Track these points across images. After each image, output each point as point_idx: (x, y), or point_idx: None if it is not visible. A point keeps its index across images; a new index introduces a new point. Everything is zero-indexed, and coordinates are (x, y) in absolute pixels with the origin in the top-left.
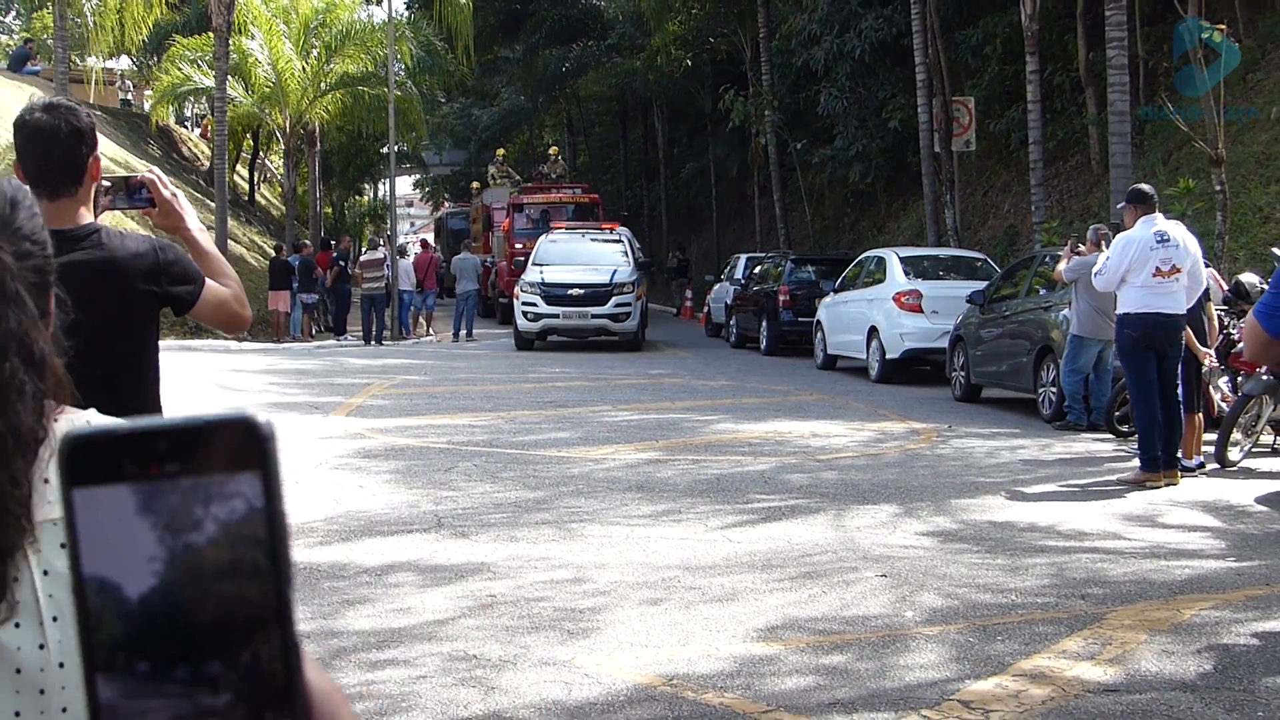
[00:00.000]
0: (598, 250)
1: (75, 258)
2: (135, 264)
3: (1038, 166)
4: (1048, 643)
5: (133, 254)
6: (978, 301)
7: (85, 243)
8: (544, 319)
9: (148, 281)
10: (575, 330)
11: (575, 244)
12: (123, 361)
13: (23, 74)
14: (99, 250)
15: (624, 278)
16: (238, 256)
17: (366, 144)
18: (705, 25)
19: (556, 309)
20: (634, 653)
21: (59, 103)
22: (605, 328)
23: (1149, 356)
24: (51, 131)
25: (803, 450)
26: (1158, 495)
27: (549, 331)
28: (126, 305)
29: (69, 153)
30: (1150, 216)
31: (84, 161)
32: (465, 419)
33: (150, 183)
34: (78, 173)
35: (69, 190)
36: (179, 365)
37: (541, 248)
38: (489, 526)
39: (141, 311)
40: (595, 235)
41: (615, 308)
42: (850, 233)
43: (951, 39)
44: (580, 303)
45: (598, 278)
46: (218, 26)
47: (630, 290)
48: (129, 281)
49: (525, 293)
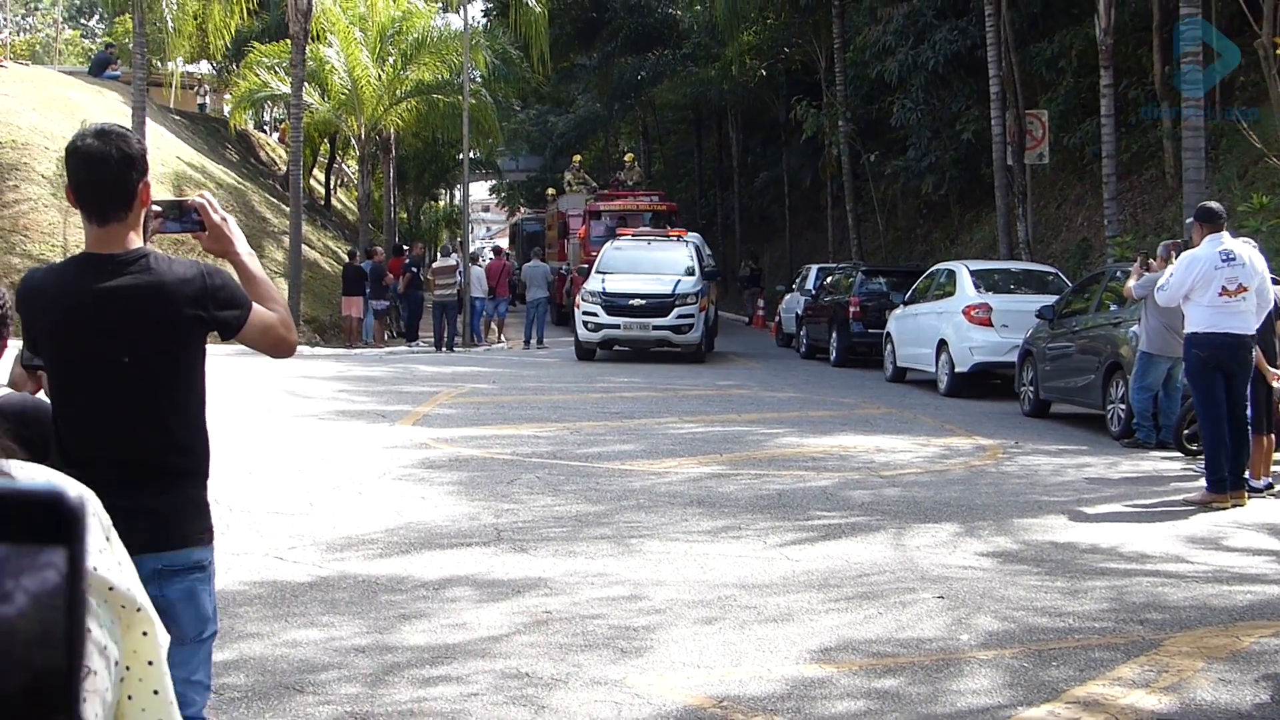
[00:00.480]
0: (663, 258)
1: (123, 282)
2: (182, 289)
3: (1111, 180)
4: (1103, 669)
5: (180, 279)
6: (1047, 316)
7: (133, 267)
8: (604, 329)
9: (194, 306)
10: (636, 341)
11: (640, 251)
12: (168, 384)
13: (103, 78)
14: (147, 275)
15: (688, 288)
16: (312, 261)
17: (442, 150)
18: (780, 35)
19: (617, 319)
20: (686, 673)
21: (110, 129)
22: (667, 339)
23: (1217, 377)
24: (102, 158)
25: (866, 466)
26: (1223, 517)
27: (610, 342)
28: (173, 329)
29: (119, 178)
30: (1217, 235)
31: (134, 187)
32: (530, 429)
33: (201, 207)
34: (128, 198)
35: (119, 215)
36: (250, 371)
37: (606, 255)
38: (548, 540)
39: (188, 335)
40: (661, 243)
41: (677, 319)
42: (923, 244)
43: (1026, 52)
44: (642, 313)
45: (660, 288)
46: (295, 34)
47: (694, 301)
48: (176, 306)
49: (586, 302)
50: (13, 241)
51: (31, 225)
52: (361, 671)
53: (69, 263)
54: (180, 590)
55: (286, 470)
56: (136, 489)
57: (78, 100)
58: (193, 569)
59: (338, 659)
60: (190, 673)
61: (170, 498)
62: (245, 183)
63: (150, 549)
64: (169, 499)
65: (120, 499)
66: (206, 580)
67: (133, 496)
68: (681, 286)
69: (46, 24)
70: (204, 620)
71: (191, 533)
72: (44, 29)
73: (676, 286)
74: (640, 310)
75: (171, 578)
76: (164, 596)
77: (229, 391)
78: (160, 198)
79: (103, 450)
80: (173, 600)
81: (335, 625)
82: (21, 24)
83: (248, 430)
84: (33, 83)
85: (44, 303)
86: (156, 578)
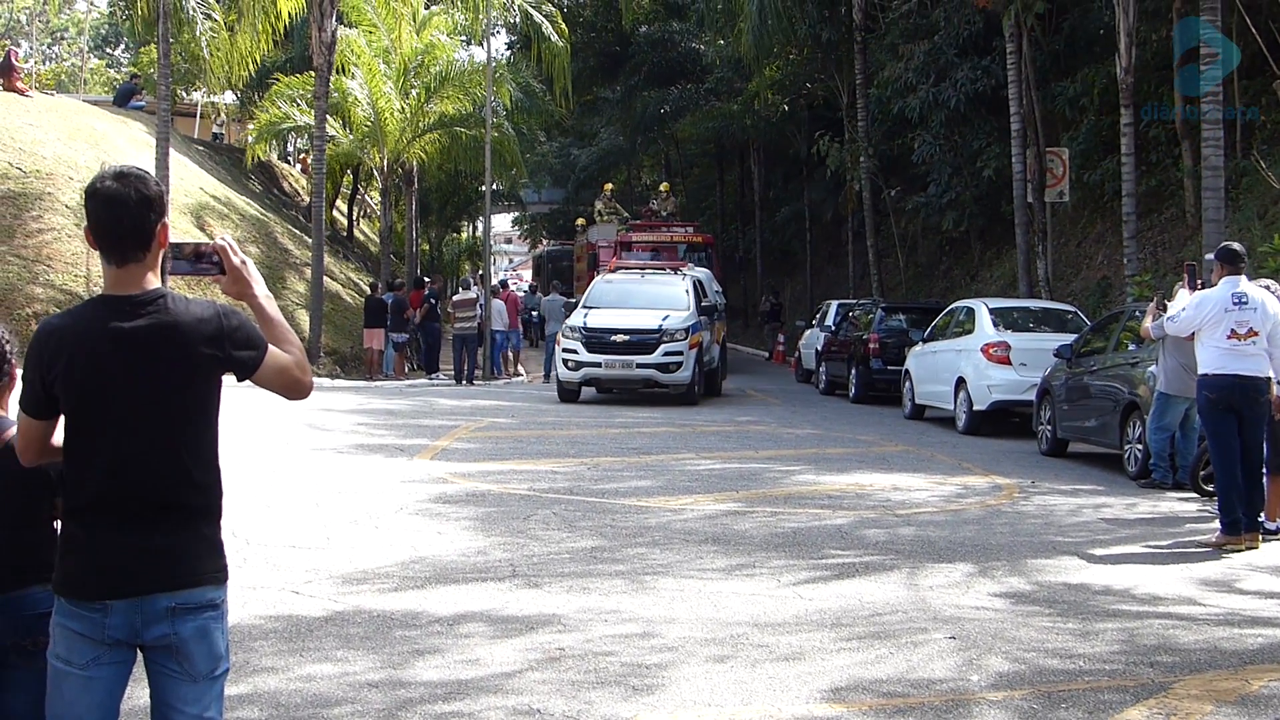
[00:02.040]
0: (657, 293)
1: (140, 324)
2: (199, 329)
3: (1131, 219)
4: (1112, 711)
5: (197, 319)
6: (1065, 355)
7: (150, 307)
8: (585, 367)
9: (211, 346)
10: (619, 381)
11: (633, 285)
12: (183, 423)
13: (128, 108)
14: (164, 315)
15: (677, 324)
16: (334, 293)
17: (464, 182)
18: (802, 71)
19: (599, 356)
20: (697, 711)
21: (129, 171)
22: (653, 379)
23: (1229, 419)
24: (121, 200)
25: (882, 504)
26: (1236, 559)
27: (591, 381)
28: (189, 369)
29: (138, 220)
30: (1234, 278)
31: (152, 228)
32: (548, 465)
33: (222, 250)
34: (146, 239)
35: (137, 256)
36: (269, 404)
37: (594, 289)
38: (563, 577)
39: (204, 375)
40: (657, 276)
41: (664, 356)
42: (943, 280)
43: (1048, 90)
44: (625, 350)
45: (646, 323)
46: (319, 66)
47: (683, 337)
48: (192, 346)
49: (567, 338)
50: (36, 271)
51: (55, 255)
52: (375, 707)
53: (86, 305)
54: (193, 628)
55: (304, 504)
56: (150, 527)
57: (102, 130)
58: (206, 607)
59: (351, 694)
60: (203, 710)
61: (184, 536)
62: (268, 214)
63: (164, 587)
64: (183, 538)
65: (134, 537)
66: (219, 619)
67: (147, 535)
68: (670, 321)
69: (72, 53)
70: (216, 658)
71: (205, 571)
72: (70, 58)
73: (664, 321)
74: (623, 347)
75: (185, 616)
76: (177, 634)
77: (248, 424)
78: (180, 240)
79: (117, 489)
80: (185, 638)
81: (349, 660)
82: (47, 53)
83: (266, 463)
84: (58, 112)
85: (61, 345)
86: (170, 615)
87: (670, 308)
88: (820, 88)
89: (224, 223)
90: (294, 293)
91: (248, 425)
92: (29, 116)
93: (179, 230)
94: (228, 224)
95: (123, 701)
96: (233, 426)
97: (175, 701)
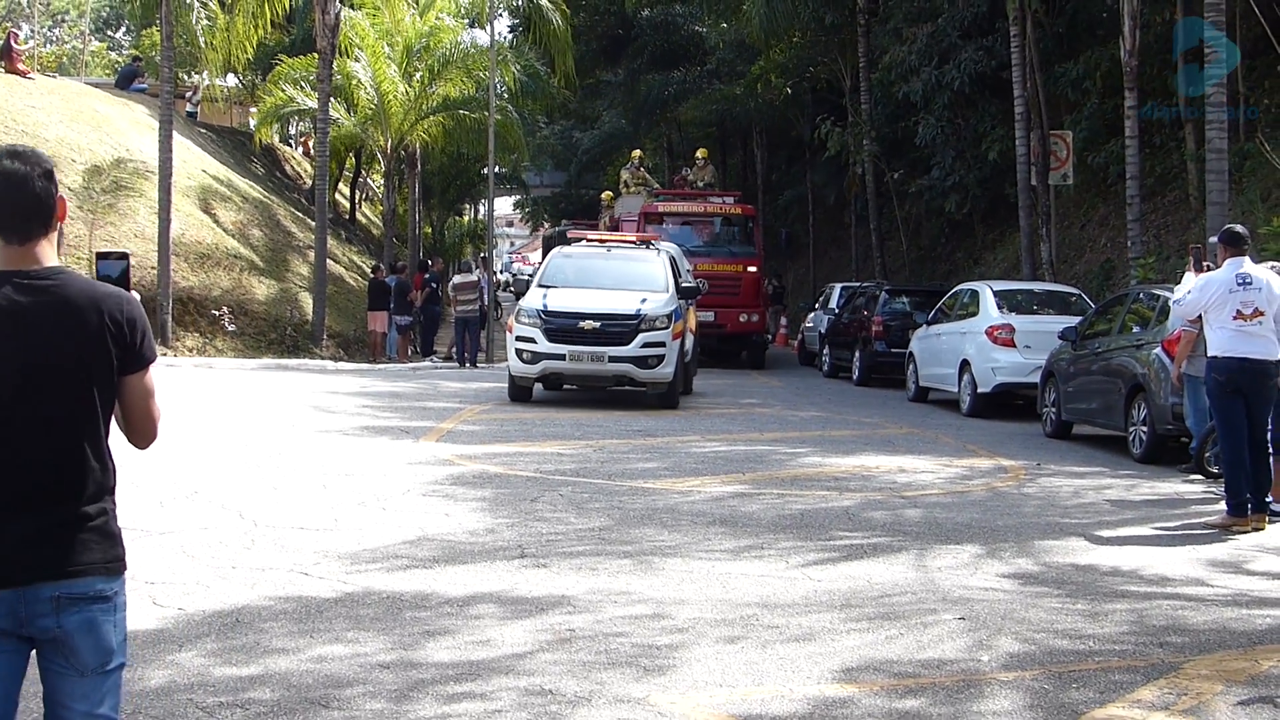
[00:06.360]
0: (626, 270)
1: (38, 299)
2: (97, 304)
3: (1134, 201)
4: (1122, 691)
5: (97, 297)
6: (1070, 338)
7: (48, 282)
8: (543, 360)
9: (106, 324)
10: (586, 377)
11: (597, 261)
12: (73, 404)
13: (130, 90)
14: (61, 290)
15: (658, 308)
16: (337, 276)
17: (467, 165)
18: (806, 54)
19: (561, 347)
20: (708, 692)
21: (23, 149)
22: (629, 375)
23: (1236, 400)
24: (25, 177)
25: (888, 486)
26: (1244, 541)
27: (550, 377)
28: (82, 345)
29: (45, 196)
30: (1239, 259)
31: (54, 203)
32: (554, 447)
33: None
34: (49, 215)
35: (41, 232)
36: (276, 385)
37: (552, 264)
38: (572, 558)
39: (97, 353)
40: (625, 251)
41: (642, 348)
42: (946, 263)
43: (1051, 72)
44: (595, 340)
45: (620, 306)
46: (322, 49)
47: (665, 325)
48: (89, 325)
49: (521, 324)
50: None
51: None
52: (387, 688)
53: None
54: (79, 621)
55: (311, 486)
56: (34, 514)
57: (105, 113)
58: (94, 599)
59: (364, 674)
60: (93, 706)
61: (71, 524)
62: (271, 196)
63: (48, 577)
64: (70, 525)
65: (17, 525)
66: (112, 611)
67: (30, 522)
68: (649, 305)
69: (73, 36)
70: (106, 652)
71: (93, 561)
72: (71, 41)
73: (643, 305)
74: (593, 336)
75: (69, 607)
76: (61, 627)
77: (254, 406)
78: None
79: (2, 473)
80: (70, 631)
81: (361, 641)
82: (49, 36)
83: (272, 445)
84: (60, 95)
85: None
86: (54, 606)
87: (646, 288)
88: (823, 71)
89: (227, 205)
90: (297, 275)
91: (253, 408)
92: (31, 99)
93: (182, 213)
94: (231, 206)
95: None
96: (240, 408)
97: (63, 698)
